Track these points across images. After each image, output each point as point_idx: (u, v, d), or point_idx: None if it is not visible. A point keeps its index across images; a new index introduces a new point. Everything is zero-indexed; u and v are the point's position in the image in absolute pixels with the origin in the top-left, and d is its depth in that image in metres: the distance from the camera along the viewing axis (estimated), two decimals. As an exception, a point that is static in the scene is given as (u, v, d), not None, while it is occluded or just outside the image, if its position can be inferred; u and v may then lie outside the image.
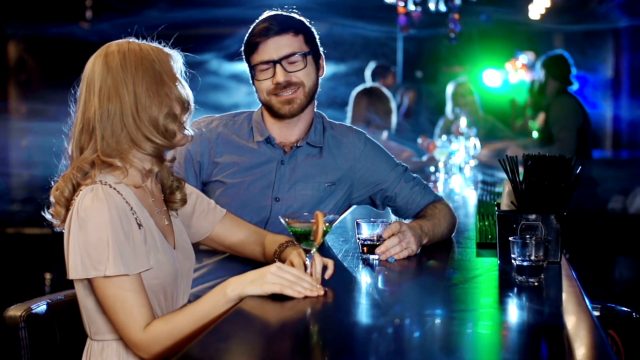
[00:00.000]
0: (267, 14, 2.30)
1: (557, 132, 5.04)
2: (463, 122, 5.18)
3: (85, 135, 1.72)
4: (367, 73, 6.48)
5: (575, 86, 5.28)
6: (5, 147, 6.67)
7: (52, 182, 1.76)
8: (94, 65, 1.73)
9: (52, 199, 1.73)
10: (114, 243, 1.61)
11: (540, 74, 5.29)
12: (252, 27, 2.28)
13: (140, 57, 1.72)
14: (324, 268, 1.77)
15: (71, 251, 1.63)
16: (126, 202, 1.68)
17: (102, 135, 1.70)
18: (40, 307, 1.87)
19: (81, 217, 1.62)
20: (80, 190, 1.67)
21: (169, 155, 1.85)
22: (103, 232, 1.61)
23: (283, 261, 1.93)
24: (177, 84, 1.77)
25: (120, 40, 1.78)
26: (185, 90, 1.80)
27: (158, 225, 1.77)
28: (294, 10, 2.33)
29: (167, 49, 1.81)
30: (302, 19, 2.31)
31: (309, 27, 2.31)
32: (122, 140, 1.71)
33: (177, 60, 1.81)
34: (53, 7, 6.82)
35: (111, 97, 1.69)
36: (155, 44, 1.80)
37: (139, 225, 1.69)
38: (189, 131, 1.81)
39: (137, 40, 1.79)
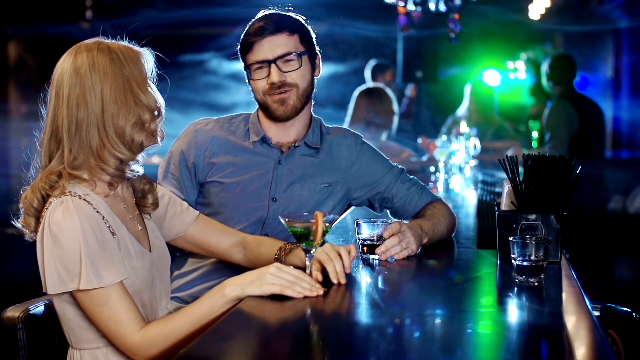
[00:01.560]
0: (262, 13, 2.29)
1: (548, 140, 5.08)
2: (463, 125, 5.18)
3: (53, 143, 1.69)
4: (367, 72, 6.47)
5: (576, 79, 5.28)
6: (5, 148, 6.66)
7: (22, 191, 1.72)
8: (62, 70, 1.69)
9: (21, 208, 1.71)
10: (87, 256, 1.59)
11: (546, 73, 5.30)
12: (247, 26, 2.27)
13: (109, 60, 1.68)
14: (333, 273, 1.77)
15: (47, 266, 1.61)
16: (97, 211, 1.66)
17: (69, 148, 1.67)
18: (38, 308, 1.87)
19: (53, 232, 1.60)
20: (50, 202, 1.65)
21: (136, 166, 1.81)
22: (76, 245, 1.59)
23: (289, 264, 1.93)
24: (147, 87, 1.73)
25: (89, 41, 1.73)
26: (155, 95, 1.75)
27: (131, 231, 1.75)
28: (291, 9, 2.32)
29: (136, 47, 1.76)
30: (299, 17, 2.30)
31: (305, 26, 2.30)
32: (88, 155, 1.67)
33: (148, 60, 1.77)
34: (53, 7, 6.82)
35: (79, 105, 1.66)
36: (125, 43, 1.76)
37: (112, 233, 1.67)
38: (159, 139, 1.77)
39: (107, 40, 1.74)
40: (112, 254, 1.64)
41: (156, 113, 1.74)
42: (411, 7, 5.46)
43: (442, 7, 5.46)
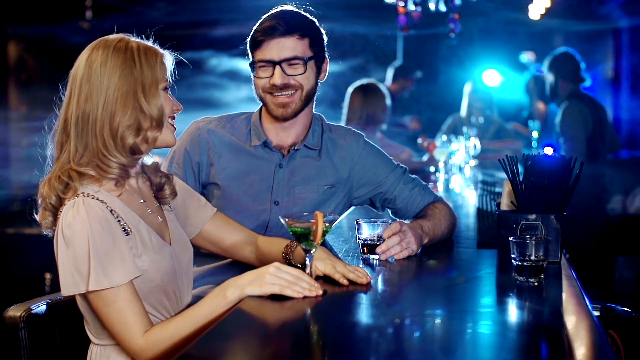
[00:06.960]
0: (277, 9, 2.26)
1: (564, 143, 4.97)
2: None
3: (63, 135, 1.70)
4: (390, 72, 6.41)
5: (587, 82, 5.17)
6: (5, 147, 6.66)
7: (40, 182, 1.73)
8: (79, 63, 1.70)
9: (39, 201, 1.71)
10: (95, 257, 1.59)
11: (549, 75, 5.16)
12: (260, 20, 2.24)
13: (122, 59, 1.68)
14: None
15: (61, 268, 1.63)
16: (110, 210, 1.66)
17: (75, 143, 1.68)
18: (40, 307, 1.87)
19: (66, 235, 1.61)
20: (64, 204, 1.66)
21: (148, 160, 1.82)
22: (85, 247, 1.60)
23: (297, 261, 1.93)
24: (155, 92, 1.71)
25: (113, 36, 1.73)
26: (162, 102, 1.72)
27: (151, 225, 1.75)
28: (308, 8, 2.29)
29: (159, 50, 1.75)
30: (313, 19, 2.27)
31: (317, 29, 2.27)
32: (91, 153, 1.67)
33: (167, 62, 1.75)
34: (53, 7, 6.81)
35: (88, 99, 1.67)
36: (149, 43, 1.75)
37: (127, 232, 1.67)
38: (170, 136, 1.76)
39: (131, 38, 1.74)
40: (123, 254, 1.63)
41: (156, 123, 1.72)
42: (411, 7, 5.46)
43: (442, 7, 5.47)
